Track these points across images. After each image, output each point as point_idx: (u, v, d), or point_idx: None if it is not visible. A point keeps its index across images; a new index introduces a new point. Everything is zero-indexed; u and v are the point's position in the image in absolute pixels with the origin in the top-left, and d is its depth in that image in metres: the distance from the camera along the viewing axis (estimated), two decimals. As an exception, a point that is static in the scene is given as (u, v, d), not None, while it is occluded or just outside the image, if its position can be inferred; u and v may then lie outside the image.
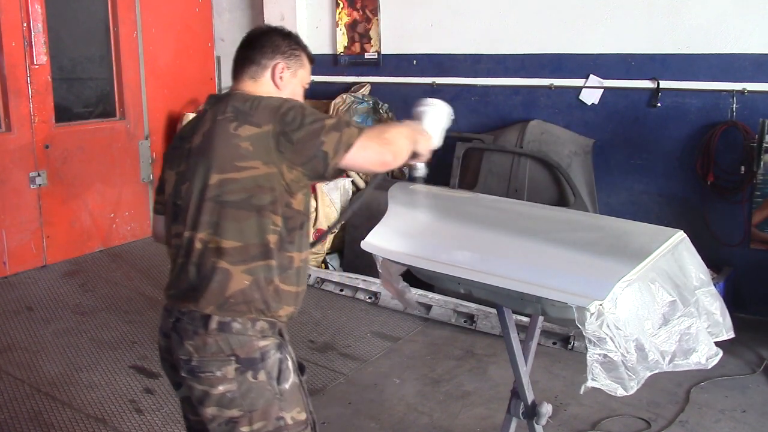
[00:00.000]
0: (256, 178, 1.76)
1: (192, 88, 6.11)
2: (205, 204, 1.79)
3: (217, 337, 1.78)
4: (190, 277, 1.82)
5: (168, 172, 1.95)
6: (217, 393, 1.79)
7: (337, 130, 1.77)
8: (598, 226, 2.50)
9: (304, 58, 2.03)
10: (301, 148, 1.76)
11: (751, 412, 3.35)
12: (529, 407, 2.43)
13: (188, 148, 1.87)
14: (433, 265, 2.14)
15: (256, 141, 1.76)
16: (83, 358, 3.80)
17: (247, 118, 1.79)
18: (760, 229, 4.36)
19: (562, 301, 1.87)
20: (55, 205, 5.12)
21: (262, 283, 1.80)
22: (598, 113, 4.83)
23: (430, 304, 4.41)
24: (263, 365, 1.81)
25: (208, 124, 1.85)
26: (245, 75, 1.96)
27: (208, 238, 1.79)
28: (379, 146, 1.85)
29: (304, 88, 2.06)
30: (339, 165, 1.78)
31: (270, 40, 1.97)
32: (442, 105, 2.21)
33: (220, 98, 1.91)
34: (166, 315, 1.90)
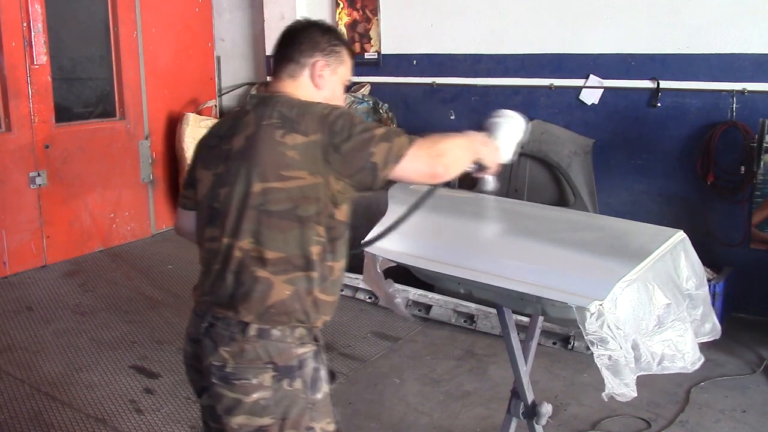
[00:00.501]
0: (302, 188, 1.71)
1: (192, 88, 6.11)
2: (247, 212, 1.73)
3: (256, 343, 1.73)
4: (227, 285, 1.77)
5: (202, 171, 1.87)
6: (249, 401, 1.73)
7: (387, 141, 1.70)
8: (598, 226, 2.50)
9: (345, 54, 1.94)
10: (349, 159, 1.69)
11: (751, 412, 3.35)
12: (529, 407, 2.43)
13: (228, 149, 1.80)
14: (433, 265, 2.14)
15: (303, 150, 1.70)
16: (83, 358, 3.80)
17: (294, 126, 1.72)
18: (760, 229, 4.36)
19: (562, 301, 1.87)
20: (55, 205, 5.12)
21: (302, 293, 1.76)
22: (598, 113, 4.83)
23: (430, 304, 4.41)
24: (300, 373, 1.76)
25: (252, 127, 1.77)
26: (284, 73, 1.88)
27: (249, 247, 1.74)
28: (430, 158, 1.75)
29: (344, 86, 1.98)
30: (388, 177, 1.71)
31: (309, 36, 1.89)
32: (517, 117, 2.12)
33: (263, 100, 1.83)
34: (198, 320, 1.84)
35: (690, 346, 2.00)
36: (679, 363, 1.97)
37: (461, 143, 1.89)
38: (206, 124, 5.76)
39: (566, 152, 4.68)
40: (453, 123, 5.33)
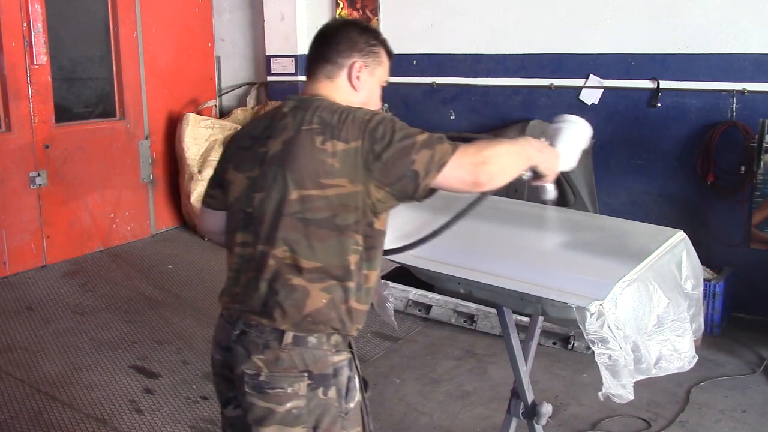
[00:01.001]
0: (341, 196, 1.66)
1: (192, 88, 6.11)
2: (284, 219, 1.68)
3: (292, 351, 1.69)
4: (261, 293, 1.71)
5: (234, 173, 1.80)
6: (282, 410, 1.69)
7: (429, 148, 1.64)
8: (598, 226, 2.50)
9: (383, 55, 1.89)
10: (390, 167, 1.64)
11: (751, 412, 3.35)
12: (529, 407, 2.43)
13: (263, 152, 1.74)
14: (433, 265, 2.14)
15: (343, 158, 1.65)
16: (83, 358, 3.80)
17: (335, 132, 1.67)
18: (760, 229, 4.36)
19: (562, 301, 1.87)
20: (55, 205, 5.12)
21: (338, 302, 1.71)
22: (598, 113, 4.83)
23: (430, 304, 4.41)
24: (335, 382, 1.73)
25: (291, 132, 1.71)
26: (321, 74, 1.83)
27: (285, 255, 1.69)
28: (473, 165, 1.67)
29: (382, 87, 1.93)
30: (430, 185, 1.65)
31: (346, 36, 1.83)
32: (582, 123, 2.03)
33: (302, 103, 1.77)
34: (228, 327, 1.78)
35: (688, 346, 2.00)
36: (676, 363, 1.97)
37: (509, 150, 1.79)
38: (206, 124, 5.77)
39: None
40: (453, 123, 5.33)
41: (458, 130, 5.25)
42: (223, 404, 1.90)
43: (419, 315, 4.41)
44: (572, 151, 2.01)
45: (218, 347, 1.84)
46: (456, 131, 5.22)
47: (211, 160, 5.61)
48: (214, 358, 1.87)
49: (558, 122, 2.03)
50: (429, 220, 2.38)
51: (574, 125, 2.02)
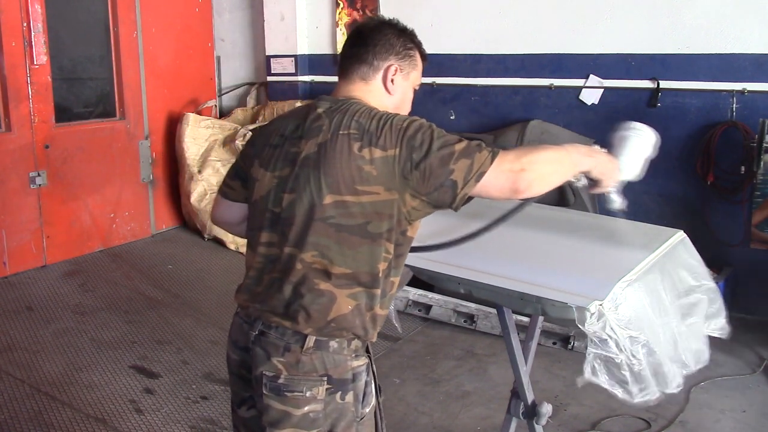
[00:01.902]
0: (376, 204, 1.63)
1: (192, 88, 6.11)
2: (315, 224, 1.65)
3: (313, 355, 1.67)
4: (285, 295, 1.69)
5: (261, 170, 1.77)
6: (299, 414, 1.67)
7: (468, 157, 1.61)
8: (598, 226, 2.50)
9: (418, 58, 1.87)
10: (428, 176, 1.61)
11: (751, 412, 3.35)
12: (529, 407, 2.43)
13: (295, 152, 1.71)
14: (433, 265, 2.14)
15: (381, 165, 1.62)
16: (83, 358, 3.80)
17: (373, 139, 1.64)
18: (760, 229, 4.36)
19: (562, 301, 1.87)
20: (55, 205, 5.12)
21: (363, 309, 1.70)
22: (598, 113, 4.83)
23: (430, 304, 4.41)
24: (353, 386, 1.72)
25: (326, 135, 1.68)
26: (356, 75, 1.81)
27: (314, 260, 1.66)
28: (512, 173, 1.63)
29: (414, 91, 1.92)
30: (468, 194, 1.63)
31: (384, 38, 1.81)
32: (648, 131, 1.98)
33: (338, 105, 1.74)
34: (247, 327, 1.76)
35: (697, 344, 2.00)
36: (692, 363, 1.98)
37: (551, 156, 1.73)
38: (206, 124, 5.76)
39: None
40: (453, 123, 5.33)
41: (458, 130, 5.24)
42: (237, 404, 1.88)
43: (419, 315, 4.41)
44: (636, 159, 1.97)
45: (235, 347, 1.82)
46: (456, 131, 5.22)
47: (212, 160, 5.60)
48: (231, 358, 1.85)
49: (623, 130, 1.99)
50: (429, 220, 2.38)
51: (639, 132, 1.98)
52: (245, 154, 1.88)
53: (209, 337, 4.03)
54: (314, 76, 6.02)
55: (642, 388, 1.87)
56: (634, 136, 1.97)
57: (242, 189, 1.88)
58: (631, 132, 1.97)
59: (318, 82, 6.00)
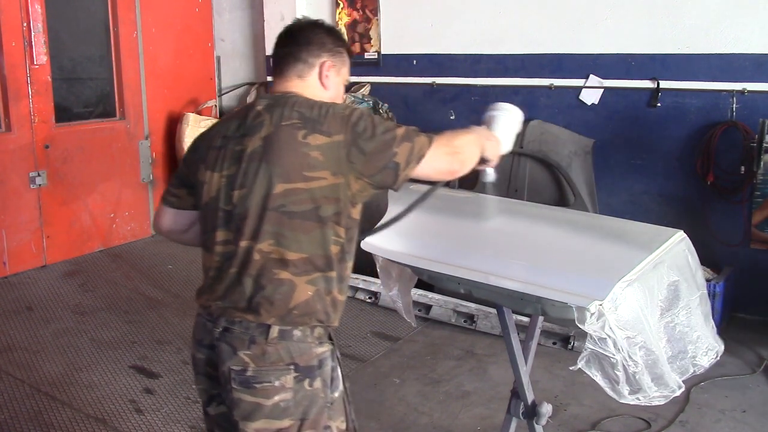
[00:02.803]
0: (324, 188, 1.71)
1: (192, 88, 6.11)
2: (268, 214, 1.71)
3: (278, 345, 1.72)
4: (245, 289, 1.73)
5: (207, 172, 1.82)
6: (270, 404, 1.72)
7: (408, 141, 1.74)
8: (598, 226, 2.50)
9: (346, 56, 1.96)
10: (373, 159, 1.72)
11: (751, 412, 3.35)
12: (529, 407, 2.43)
13: (240, 150, 1.77)
14: (433, 265, 2.14)
15: (326, 151, 1.70)
16: (83, 358, 3.80)
17: (317, 126, 1.72)
18: (760, 229, 4.36)
19: (562, 301, 1.87)
20: (55, 205, 5.12)
21: (323, 293, 1.76)
22: (598, 113, 4.83)
23: (430, 304, 4.41)
24: (320, 372, 1.77)
25: (268, 128, 1.75)
26: (292, 73, 1.87)
27: (270, 249, 1.72)
28: (448, 156, 1.84)
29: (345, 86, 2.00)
30: (409, 176, 1.76)
31: (316, 37, 1.89)
32: (514, 109, 2.16)
33: (276, 100, 1.80)
34: (211, 325, 1.80)
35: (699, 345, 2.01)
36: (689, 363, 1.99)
37: (472, 139, 1.96)
38: (206, 124, 5.75)
39: (566, 152, 4.69)
40: (453, 123, 5.33)
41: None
42: (206, 402, 1.92)
43: (419, 315, 4.41)
44: (509, 135, 2.15)
45: (200, 345, 1.86)
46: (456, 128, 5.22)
47: (211, 160, 5.61)
48: (196, 357, 1.88)
49: (492, 110, 2.16)
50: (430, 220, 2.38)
51: (507, 112, 2.15)
52: (188, 162, 1.93)
53: (209, 337, 4.03)
54: (314, 76, 6.02)
55: (633, 390, 1.87)
56: (503, 115, 2.14)
57: (188, 196, 1.94)
58: (500, 112, 2.15)
59: (318, 82, 5.99)
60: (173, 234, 2.05)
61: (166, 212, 2.00)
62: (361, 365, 3.82)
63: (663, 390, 1.90)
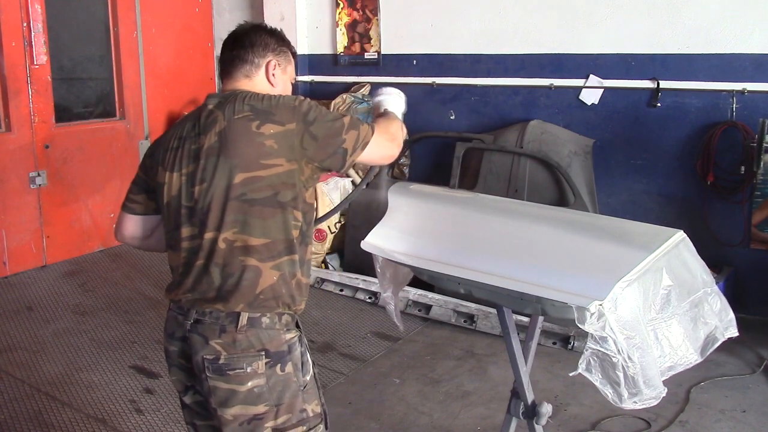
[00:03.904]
0: (280, 175, 1.80)
1: (192, 88, 6.11)
2: (230, 203, 1.79)
3: (248, 332, 1.79)
4: (213, 279, 1.81)
5: (166, 173, 1.89)
6: (244, 390, 1.79)
7: (355, 129, 1.87)
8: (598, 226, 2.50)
9: (290, 55, 2.06)
10: (323, 145, 1.83)
11: (751, 412, 3.35)
12: (529, 407, 2.43)
13: (196, 148, 1.84)
14: (433, 265, 2.14)
15: (280, 139, 1.79)
16: (83, 358, 3.80)
17: (269, 116, 1.81)
18: (760, 229, 4.36)
19: (562, 301, 1.87)
20: (55, 205, 5.12)
21: (287, 277, 1.84)
22: (598, 113, 4.83)
23: (430, 304, 4.41)
24: (290, 357, 1.84)
25: (222, 123, 1.82)
26: (239, 74, 1.96)
27: (234, 237, 1.79)
28: (388, 142, 1.99)
29: (291, 84, 2.09)
30: (355, 161, 1.89)
31: (259, 38, 1.98)
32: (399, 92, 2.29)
33: (226, 98, 1.89)
34: (182, 318, 1.88)
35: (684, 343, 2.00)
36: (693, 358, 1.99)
37: (398, 124, 2.12)
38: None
39: (566, 152, 4.69)
40: (453, 123, 5.33)
41: (458, 130, 5.25)
42: (182, 392, 1.97)
43: (419, 315, 4.41)
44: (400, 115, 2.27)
45: (172, 338, 1.93)
46: (456, 131, 5.22)
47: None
48: (169, 350, 1.95)
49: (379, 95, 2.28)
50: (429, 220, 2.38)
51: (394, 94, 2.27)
52: (146, 167, 2.01)
53: (209, 337, 4.03)
54: (314, 76, 6.02)
55: (633, 393, 1.87)
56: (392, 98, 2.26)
57: (148, 201, 2.02)
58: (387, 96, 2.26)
59: (318, 82, 6.00)
60: (135, 240, 2.11)
61: (127, 219, 2.07)
62: (361, 365, 3.82)
63: (652, 391, 1.90)
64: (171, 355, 1.94)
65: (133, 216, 2.05)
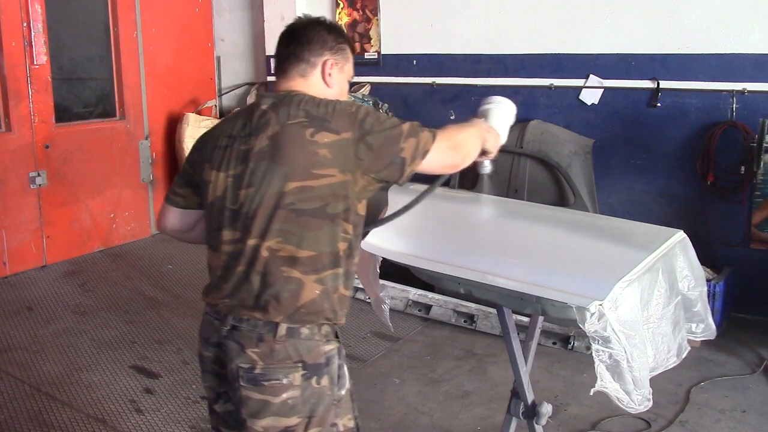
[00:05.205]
0: (332, 186, 1.71)
1: (192, 88, 6.11)
2: (277, 212, 1.71)
3: (286, 343, 1.72)
4: (253, 287, 1.74)
5: (213, 172, 1.81)
6: (278, 401, 1.72)
7: (414, 136, 1.76)
8: (598, 226, 2.50)
9: (349, 52, 1.95)
10: (380, 155, 1.73)
11: (751, 412, 3.35)
12: (529, 407, 2.43)
13: (245, 150, 1.76)
14: (433, 265, 2.14)
15: (334, 148, 1.71)
16: (83, 358, 3.80)
17: (324, 124, 1.72)
18: (760, 229, 4.36)
19: (562, 301, 1.87)
20: (55, 205, 5.12)
21: (330, 291, 1.76)
22: (598, 113, 4.83)
23: (430, 304, 4.41)
24: (327, 370, 1.77)
25: (275, 127, 1.74)
26: (294, 72, 1.87)
27: (278, 246, 1.72)
28: (451, 150, 1.87)
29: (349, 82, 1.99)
30: (414, 171, 1.78)
31: (317, 35, 1.89)
32: (509, 102, 2.20)
33: (281, 99, 1.80)
34: (218, 323, 1.81)
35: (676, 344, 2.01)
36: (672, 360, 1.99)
37: (473, 133, 1.99)
38: (206, 124, 5.76)
39: (566, 152, 4.69)
40: (453, 122, 5.32)
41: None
42: (213, 400, 1.91)
43: (419, 315, 4.41)
44: (505, 127, 2.18)
45: (207, 344, 1.86)
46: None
47: (211, 160, 5.61)
48: (204, 355, 1.88)
49: (487, 104, 2.19)
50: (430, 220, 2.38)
51: (501, 105, 2.18)
52: (193, 161, 1.92)
53: (209, 337, 4.03)
54: (314, 76, 6.02)
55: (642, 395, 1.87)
56: (497, 108, 2.18)
57: (193, 195, 1.95)
58: (494, 105, 2.18)
59: (318, 82, 5.99)
60: (178, 233, 2.06)
61: (169, 211, 2.01)
62: (361, 365, 3.82)
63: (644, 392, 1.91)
64: (205, 361, 1.88)
65: (175, 209, 1.99)
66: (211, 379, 1.89)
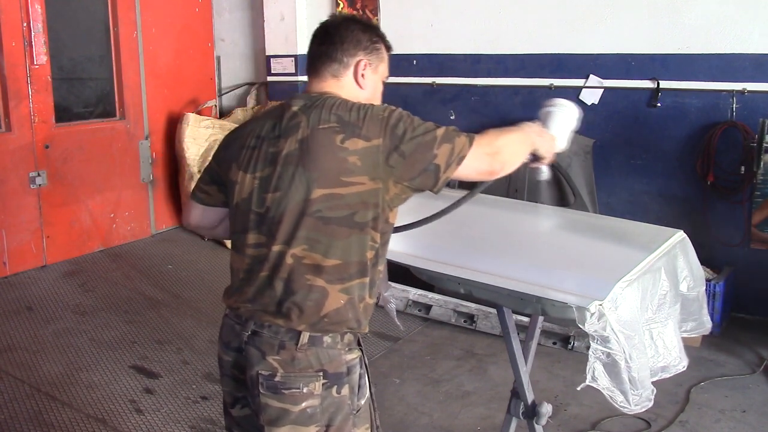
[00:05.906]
0: (362, 194, 1.66)
1: (192, 88, 6.10)
2: (304, 219, 1.66)
3: (308, 351, 1.69)
4: (276, 293, 1.70)
5: (240, 172, 1.77)
6: (297, 410, 1.69)
7: (449, 142, 1.70)
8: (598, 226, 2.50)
9: (384, 51, 1.89)
10: (412, 163, 1.67)
11: (751, 412, 3.35)
12: (529, 407, 2.43)
13: (274, 152, 1.72)
14: (433, 265, 2.14)
15: (365, 156, 1.65)
16: (83, 358, 3.80)
17: (355, 130, 1.66)
18: (760, 229, 4.36)
19: (562, 301, 1.87)
20: (55, 205, 5.12)
21: (356, 301, 1.72)
22: (598, 113, 4.83)
23: (430, 304, 4.41)
24: (348, 379, 1.74)
25: (305, 131, 1.69)
26: (326, 73, 1.82)
27: (303, 254, 1.68)
28: (488, 156, 1.77)
29: (383, 83, 1.94)
30: (449, 178, 1.71)
31: (351, 34, 1.82)
32: (571, 105, 2.12)
33: (313, 102, 1.74)
34: (239, 327, 1.77)
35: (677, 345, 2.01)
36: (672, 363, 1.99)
37: (517, 138, 1.90)
38: (206, 124, 5.76)
39: (566, 152, 4.67)
40: (453, 123, 5.32)
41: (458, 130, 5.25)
42: (230, 404, 1.89)
43: (419, 315, 4.41)
44: (564, 132, 2.10)
45: (227, 348, 1.83)
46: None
47: (211, 160, 5.61)
48: (223, 359, 1.85)
49: (548, 106, 2.11)
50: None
51: (564, 108, 2.10)
52: (220, 159, 1.88)
53: (209, 337, 4.03)
54: (314, 76, 6.02)
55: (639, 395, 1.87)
56: (559, 111, 2.09)
57: (218, 193, 1.90)
58: (557, 108, 2.10)
59: (318, 82, 6.00)
60: (202, 229, 2.04)
61: (194, 208, 1.97)
62: (361, 365, 3.82)
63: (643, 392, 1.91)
64: (224, 365, 1.85)
65: (200, 205, 1.95)
66: (229, 383, 1.86)
